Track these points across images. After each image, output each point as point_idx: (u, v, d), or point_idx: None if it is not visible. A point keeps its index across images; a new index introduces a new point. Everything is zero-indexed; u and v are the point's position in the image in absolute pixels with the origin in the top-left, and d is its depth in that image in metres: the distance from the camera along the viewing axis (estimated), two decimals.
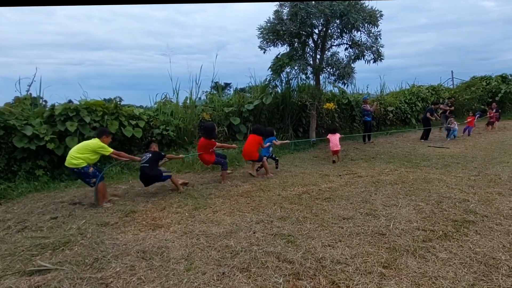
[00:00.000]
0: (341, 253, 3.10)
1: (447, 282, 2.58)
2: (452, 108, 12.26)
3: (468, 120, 11.40)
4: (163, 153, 5.50)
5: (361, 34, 9.42)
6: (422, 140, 10.54)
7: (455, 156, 7.60)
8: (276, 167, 6.93)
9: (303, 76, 10.23)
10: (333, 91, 12.24)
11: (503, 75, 18.24)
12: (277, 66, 9.44)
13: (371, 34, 9.30)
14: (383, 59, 9.37)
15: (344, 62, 9.41)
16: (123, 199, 5.27)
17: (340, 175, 6.20)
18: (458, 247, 3.15)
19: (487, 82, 17.77)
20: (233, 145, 7.12)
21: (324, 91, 11.32)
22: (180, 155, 6.41)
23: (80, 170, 4.88)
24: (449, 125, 10.83)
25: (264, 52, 9.62)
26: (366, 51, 9.31)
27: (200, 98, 10.61)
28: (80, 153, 4.88)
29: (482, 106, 15.57)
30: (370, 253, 3.09)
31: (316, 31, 9.55)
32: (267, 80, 10.23)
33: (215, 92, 11.29)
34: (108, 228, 4.00)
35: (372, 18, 8.96)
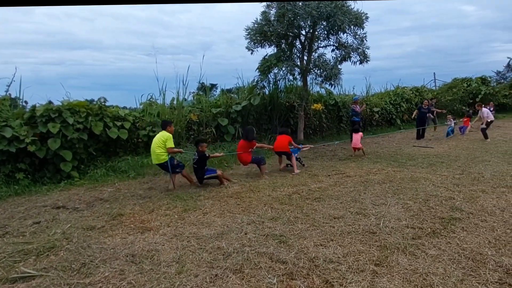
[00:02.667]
0: (334, 252, 3.12)
1: (438, 278, 2.63)
2: (433, 109, 12.62)
3: (464, 120, 12.00)
4: (207, 155, 5.99)
5: (347, 36, 9.57)
6: (419, 140, 10.89)
7: (439, 156, 7.80)
8: (303, 165, 7.28)
9: (291, 77, 10.31)
10: (320, 92, 12.38)
11: (483, 77, 19.07)
12: (265, 67, 9.46)
13: (357, 36, 9.45)
14: (369, 60, 9.54)
15: (331, 64, 9.52)
16: (109, 202, 5.14)
17: (329, 175, 6.25)
18: (446, 243, 3.22)
19: (468, 83, 18.48)
20: (271, 145, 7.50)
21: (311, 92, 11.41)
22: (221, 153, 6.94)
23: (168, 163, 5.69)
24: (447, 123, 11.45)
25: (251, 53, 9.64)
26: (352, 53, 9.45)
27: (186, 99, 10.49)
28: (162, 148, 5.66)
29: (464, 107, 16.12)
30: (362, 251, 3.12)
31: (303, 32, 9.63)
32: (255, 81, 10.23)
33: (202, 93, 11.19)
34: (94, 232, 3.89)
35: (358, 20, 9.10)
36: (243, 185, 5.84)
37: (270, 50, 9.88)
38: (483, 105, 11.00)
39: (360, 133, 8.33)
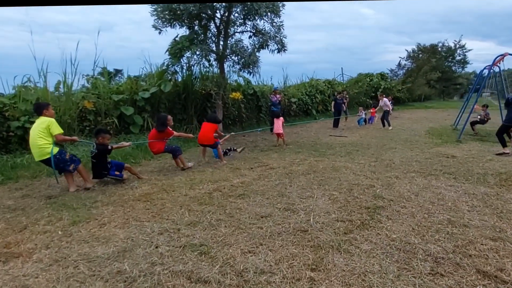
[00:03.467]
0: (264, 260, 2.67)
1: (375, 276, 2.44)
2: (346, 100, 13.77)
3: (371, 111, 13.59)
4: (110, 147, 5.00)
5: (264, 23, 9.30)
6: (334, 129, 11.55)
7: (354, 144, 8.20)
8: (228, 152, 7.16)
9: (206, 63, 9.53)
10: (238, 80, 11.96)
11: (382, 73, 22.25)
12: (176, 49, 8.49)
13: (274, 24, 9.25)
14: (286, 49, 9.45)
15: (249, 50, 9.12)
16: None
17: (252, 168, 5.82)
18: (376, 235, 3.10)
19: (370, 78, 21.36)
20: (190, 134, 6.98)
21: (229, 80, 10.88)
22: (128, 143, 5.71)
23: (52, 158, 4.49)
24: (358, 114, 12.72)
25: (159, 33, 8.56)
26: (270, 41, 9.21)
27: (83, 85, 8.75)
28: (46, 138, 4.46)
29: (368, 100, 18.15)
30: (295, 254, 2.75)
31: (218, 15, 8.96)
32: (165, 64, 9.13)
33: (103, 79, 9.50)
34: None
35: (275, 7, 8.88)
36: (155, 184, 4.95)
37: (181, 31, 8.97)
38: (384, 96, 12.38)
39: (281, 118, 8.15)
